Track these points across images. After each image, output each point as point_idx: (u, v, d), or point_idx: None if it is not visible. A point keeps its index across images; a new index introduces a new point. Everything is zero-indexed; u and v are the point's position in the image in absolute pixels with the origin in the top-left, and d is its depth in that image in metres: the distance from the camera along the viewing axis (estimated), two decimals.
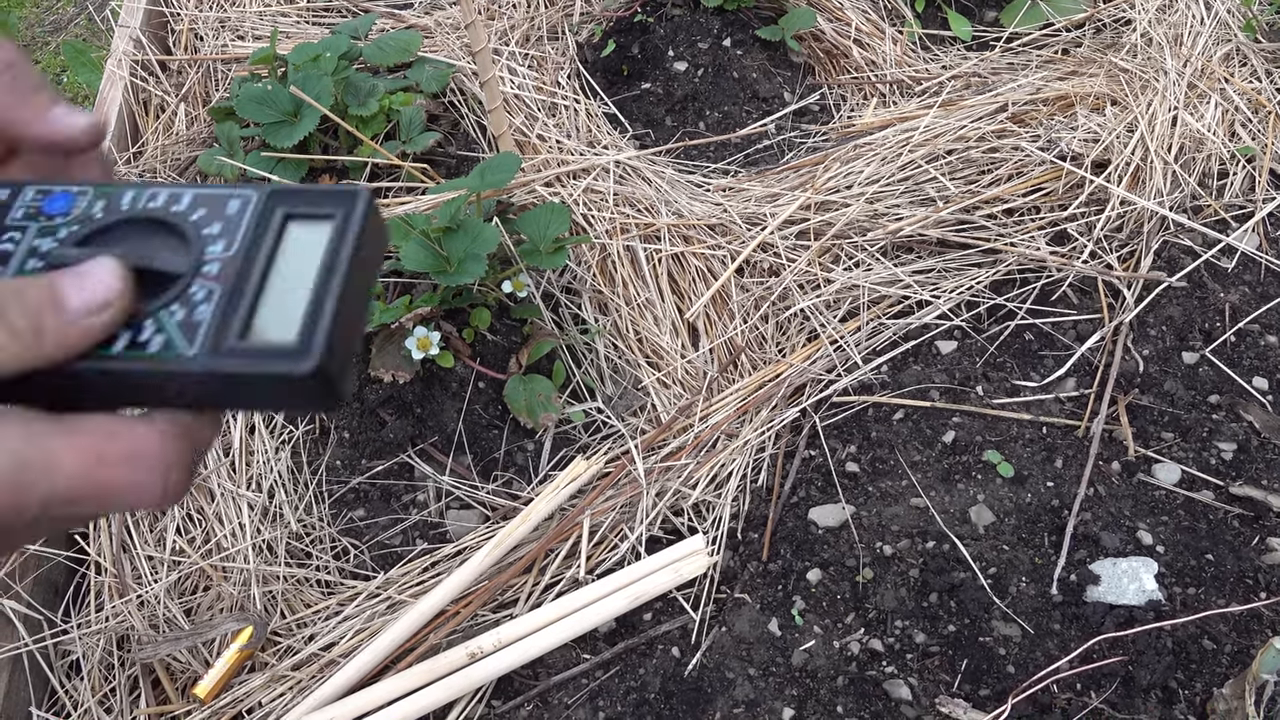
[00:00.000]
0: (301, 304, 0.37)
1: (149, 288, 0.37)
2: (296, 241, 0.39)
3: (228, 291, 0.38)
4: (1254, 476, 1.16)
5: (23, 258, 0.38)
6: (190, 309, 0.37)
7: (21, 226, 0.39)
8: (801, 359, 1.29)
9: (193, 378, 0.36)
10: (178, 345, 0.36)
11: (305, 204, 0.40)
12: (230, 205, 0.40)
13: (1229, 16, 1.68)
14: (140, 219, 0.39)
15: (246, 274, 0.38)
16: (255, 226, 0.39)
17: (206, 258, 0.38)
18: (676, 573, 1.09)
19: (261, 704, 1.05)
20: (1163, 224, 1.40)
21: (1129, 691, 0.99)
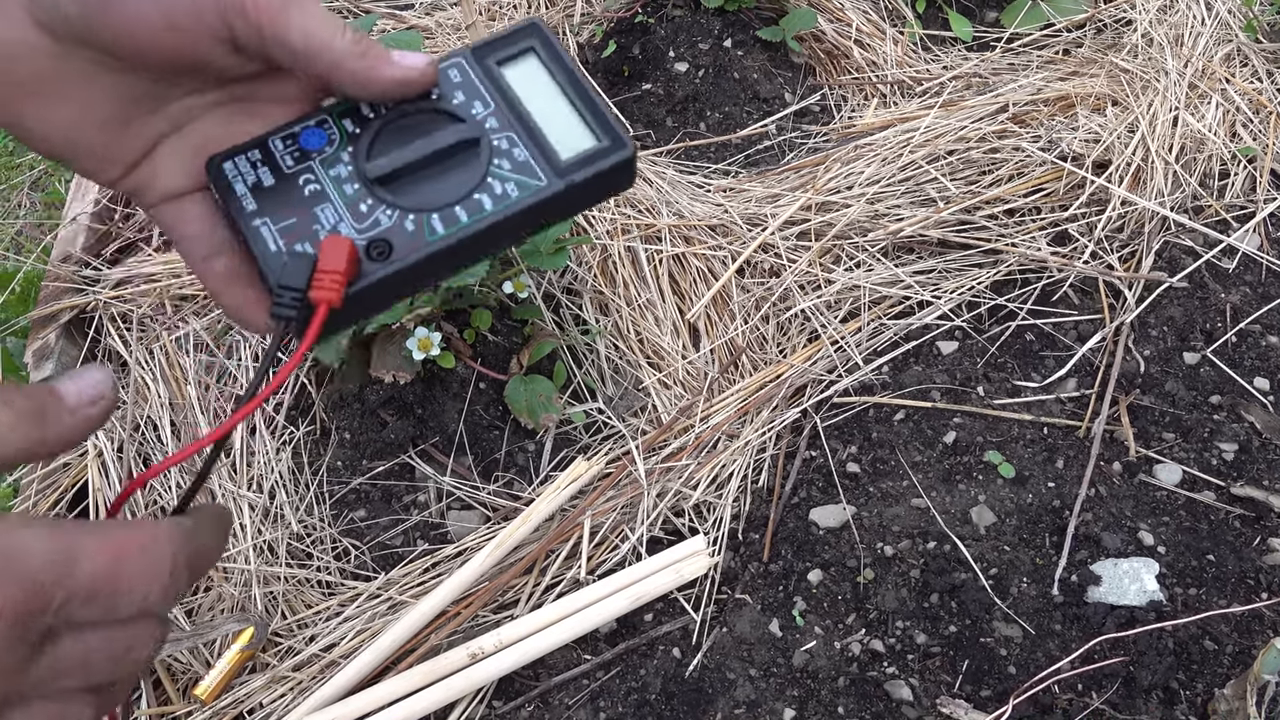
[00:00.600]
0: (578, 115, 0.45)
1: (459, 158, 0.44)
2: (522, 76, 0.46)
3: (522, 131, 0.44)
4: (1255, 477, 1.15)
5: (337, 190, 0.43)
6: (510, 156, 0.44)
7: (306, 170, 0.43)
8: (802, 359, 1.29)
9: (557, 198, 0.43)
10: (530, 182, 0.43)
11: (504, 48, 0.46)
12: (453, 75, 0.46)
13: (1230, 17, 1.68)
14: (394, 116, 0.44)
15: (518, 113, 0.45)
16: (486, 81, 0.46)
17: (480, 117, 0.45)
18: (677, 573, 1.09)
19: (262, 705, 1.05)
20: (1164, 224, 1.40)
21: (1130, 692, 0.99)
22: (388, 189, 0.43)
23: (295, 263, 0.40)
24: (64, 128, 0.40)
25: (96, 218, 1.49)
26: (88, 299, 1.38)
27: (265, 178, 0.43)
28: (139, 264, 1.41)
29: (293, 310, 0.40)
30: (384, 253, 0.42)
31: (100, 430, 1.24)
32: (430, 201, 0.43)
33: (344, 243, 0.41)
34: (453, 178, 0.43)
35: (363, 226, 0.43)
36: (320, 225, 0.43)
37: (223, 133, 0.44)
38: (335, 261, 0.40)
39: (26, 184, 2.00)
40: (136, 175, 0.43)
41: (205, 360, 1.33)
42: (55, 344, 1.33)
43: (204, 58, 0.40)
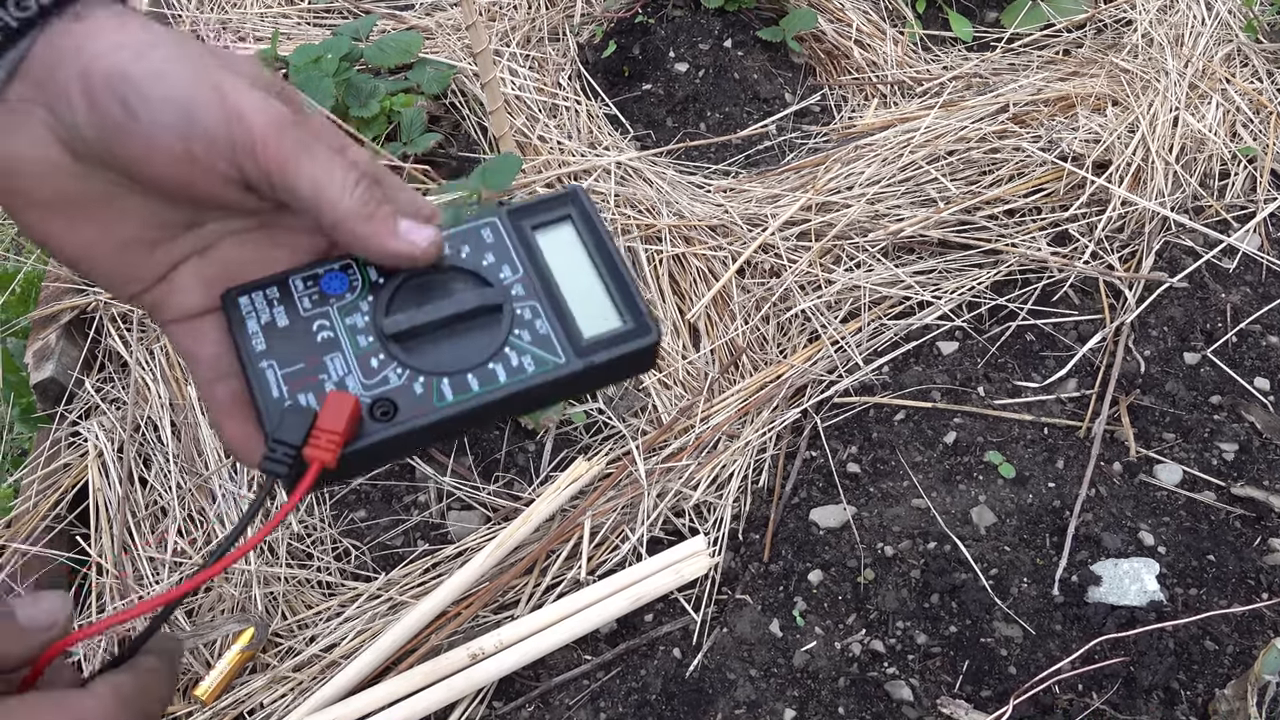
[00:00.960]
0: (605, 292, 0.44)
1: (479, 322, 0.42)
2: (556, 245, 0.45)
3: (546, 304, 0.43)
4: (1255, 477, 1.15)
5: (351, 340, 0.42)
6: (532, 328, 0.42)
7: (321, 313, 0.42)
8: (802, 360, 1.29)
9: (573, 376, 0.42)
10: (549, 358, 0.42)
11: (542, 214, 0.45)
12: (485, 235, 0.45)
13: (1230, 17, 1.68)
14: (423, 270, 0.43)
15: (546, 283, 0.43)
16: (518, 246, 0.44)
17: (507, 282, 0.43)
18: (678, 574, 1.09)
19: (263, 705, 1.05)
20: (1164, 224, 1.40)
21: (1131, 692, 0.99)
22: (402, 346, 0.42)
23: (294, 416, 0.39)
24: (84, 246, 0.40)
25: None
26: (88, 299, 1.38)
27: (279, 318, 0.42)
28: None
29: (284, 466, 0.38)
30: (388, 413, 0.41)
31: (100, 431, 1.24)
32: (444, 365, 0.42)
33: (348, 401, 0.40)
34: (471, 342, 0.42)
35: (370, 383, 0.41)
36: (327, 376, 0.41)
37: (247, 257, 0.43)
38: (335, 421, 0.39)
39: None
40: (154, 293, 0.42)
41: None
42: (56, 344, 1.33)
43: (218, 193, 0.39)
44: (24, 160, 0.38)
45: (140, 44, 0.37)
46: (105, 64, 0.37)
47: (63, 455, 1.26)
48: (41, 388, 1.30)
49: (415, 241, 0.41)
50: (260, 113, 0.38)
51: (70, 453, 1.26)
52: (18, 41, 0.37)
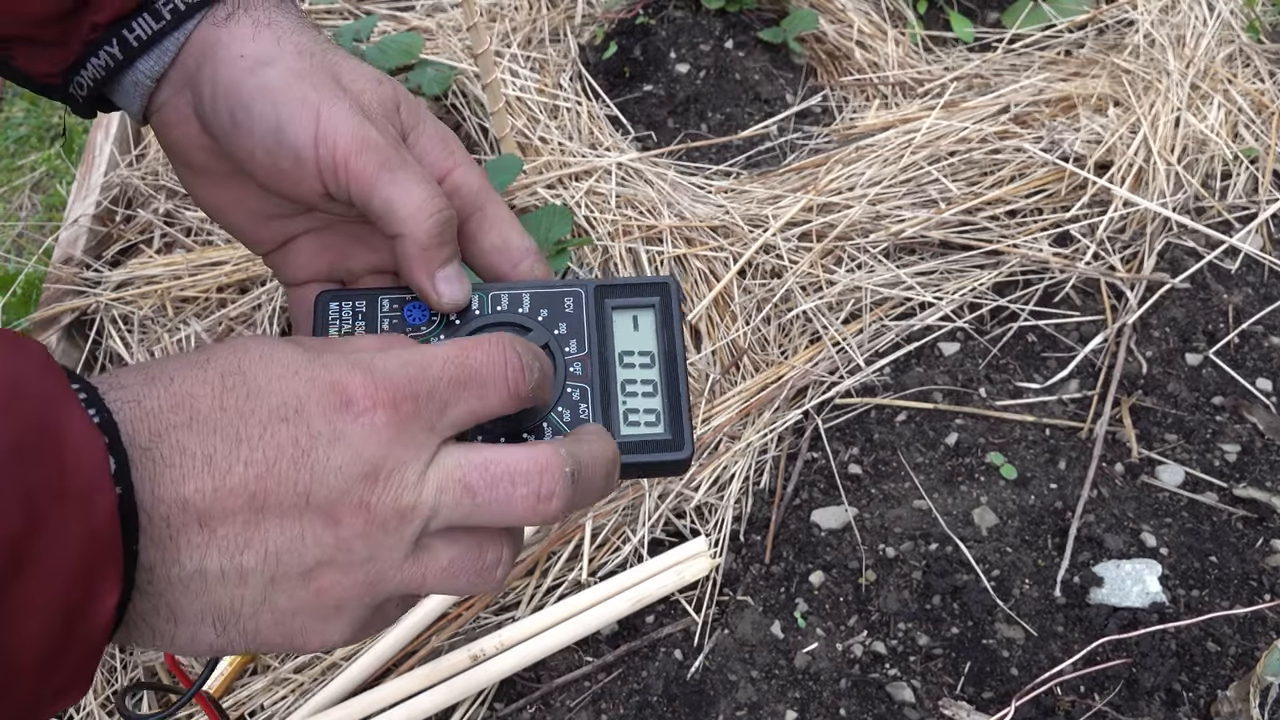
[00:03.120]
0: (655, 394, 0.45)
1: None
2: (628, 330, 0.46)
3: (597, 389, 0.44)
4: (1258, 478, 1.15)
5: None
6: (574, 410, 0.44)
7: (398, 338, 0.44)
8: (804, 361, 1.29)
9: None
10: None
11: (628, 295, 0.47)
12: (567, 303, 0.46)
13: (1232, 18, 1.68)
14: (497, 323, 0.45)
15: (604, 370, 0.45)
16: (594, 322, 0.46)
17: (567, 358, 0.45)
18: (679, 575, 1.09)
19: (264, 707, 1.05)
20: (1166, 225, 1.40)
21: (1133, 694, 0.98)
22: None
23: None
24: (223, 209, 0.48)
25: (98, 220, 1.49)
26: (89, 301, 1.38)
27: (360, 329, 0.46)
28: (140, 266, 1.41)
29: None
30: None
31: None
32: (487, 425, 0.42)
33: None
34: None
35: None
36: None
37: (356, 243, 0.49)
38: None
39: (28, 186, 2.00)
40: (274, 258, 0.49)
41: None
42: (56, 346, 1.33)
43: (307, 199, 0.44)
44: (177, 128, 0.46)
45: (261, 58, 0.43)
46: (227, 74, 0.42)
47: None
48: None
49: (441, 292, 0.44)
50: (347, 135, 0.42)
51: None
52: (183, 24, 0.44)
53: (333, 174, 0.42)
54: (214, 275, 1.37)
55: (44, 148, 2.10)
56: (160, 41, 0.44)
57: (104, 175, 1.54)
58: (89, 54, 0.44)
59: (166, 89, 0.45)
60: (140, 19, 0.43)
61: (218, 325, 1.36)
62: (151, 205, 1.51)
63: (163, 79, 0.45)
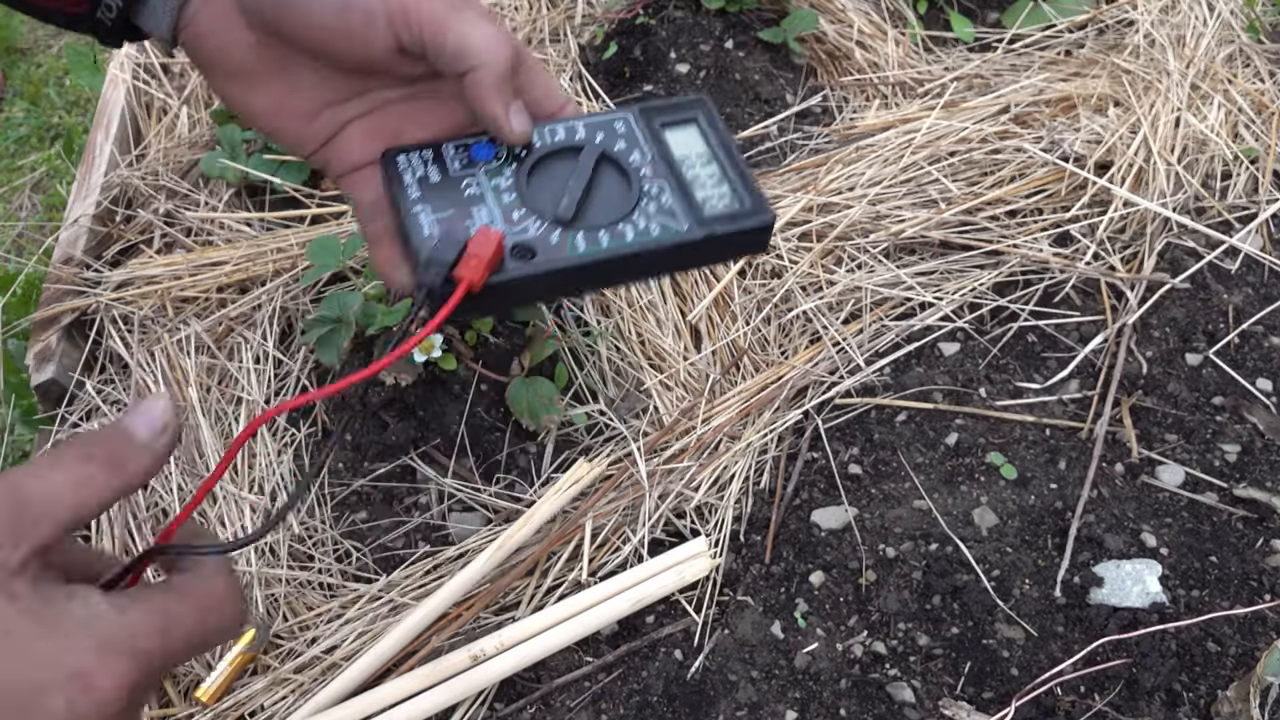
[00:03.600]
0: (725, 179, 0.49)
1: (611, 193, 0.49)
2: (680, 140, 0.51)
3: (672, 183, 0.49)
4: (1258, 479, 1.15)
5: (495, 196, 0.48)
6: (658, 201, 0.48)
7: (470, 174, 0.49)
8: (804, 361, 1.29)
9: (694, 245, 0.47)
10: (672, 225, 0.47)
11: (670, 114, 0.52)
12: (618, 126, 0.51)
13: (1232, 18, 1.68)
14: (558, 149, 0.49)
15: (671, 168, 0.49)
16: (648, 137, 0.51)
17: (636, 165, 0.49)
18: (679, 575, 1.09)
19: (264, 707, 1.05)
20: (1166, 225, 1.40)
21: (1133, 694, 0.98)
22: (541, 205, 0.47)
23: (447, 243, 0.45)
24: (267, 112, 0.48)
25: (98, 220, 1.49)
26: (89, 301, 1.38)
27: (432, 174, 0.48)
28: (140, 266, 1.41)
29: (438, 279, 0.43)
30: (527, 255, 0.46)
31: None
32: (578, 220, 0.47)
33: (494, 235, 0.45)
34: (602, 208, 0.48)
35: (513, 230, 0.47)
36: (473, 222, 0.47)
37: (404, 121, 0.50)
38: (483, 248, 0.44)
39: (28, 186, 2.00)
40: (324, 152, 0.50)
41: (207, 362, 1.33)
42: (56, 346, 1.33)
43: (378, 60, 0.45)
44: (215, 36, 0.45)
45: None
46: None
47: None
48: (43, 390, 1.30)
49: (514, 124, 0.46)
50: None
51: None
52: None
53: (404, 23, 0.43)
54: (214, 275, 1.37)
55: (44, 148, 2.10)
56: None
57: (104, 175, 1.54)
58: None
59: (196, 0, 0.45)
60: None
61: (218, 325, 1.36)
62: (151, 205, 1.51)
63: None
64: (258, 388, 1.31)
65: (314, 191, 1.50)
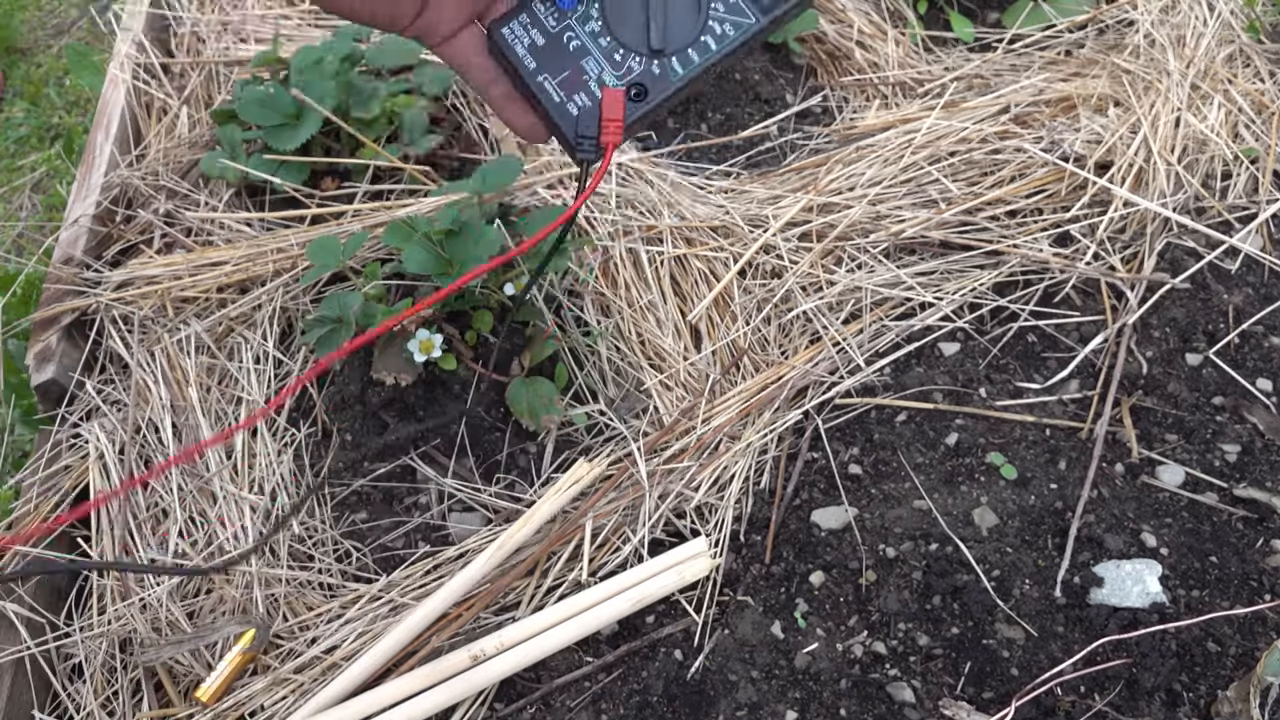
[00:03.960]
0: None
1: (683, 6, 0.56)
2: None
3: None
4: (1258, 479, 1.15)
5: (595, 44, 0.57)
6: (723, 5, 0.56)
7: (566, 27, 0.57)
8: (804, 361, 1.29)
9: (761, 30, 0.57)
10: (744, 22, 0.56)
11: None
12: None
13: (1232, 18, 1.68)
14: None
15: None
16: None
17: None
18: (679, 575, 1.09)
19: (264, 707, 1.05)
20: (1166, 225, 1.40)
21: (1133, 694, 0.98)
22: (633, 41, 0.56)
23: (587, 115, 0.55)
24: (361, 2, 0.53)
25: (98, 220, 1.49)
26: (89, 301, 1.38)
27: (537, 38, 0.56)
28: (140, 266, 1.41)
29: (593, 151, 0.56)
30: (641, 94, 0.56)
31: (101, 432, 1.24)
32: (670, 46, 0.56)
33: (617, 95, 0.55)
34: (682, 24, 0.56)
35: (620, 73, 0.56)
36: (588, 75, 0.56)
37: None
38: (614, 111, 0.55)
39: (28, 186, 2.00)
40: (420, 23, 0.55)
41: (206, 362, 1.33)
42: (56, 346, 1.33)
43: None
44: None
45: None
46: None
47: (64, 457, 1.26)
48: (42, 389, 1.30)
49: None
50: None
51: (71, 454, 1.26)
52: None
53: None
54: (214, 275, 1.37)
55: (44, 148, 2.10)
56: None
57: (104, 175, 1.54)
58: None
59: None
60: None
61: (218, 325, 1.36)
62: (151, 205, 1.51)
63: None
64: (258, 388, 1.31)
65: (314, 191, 1.50)
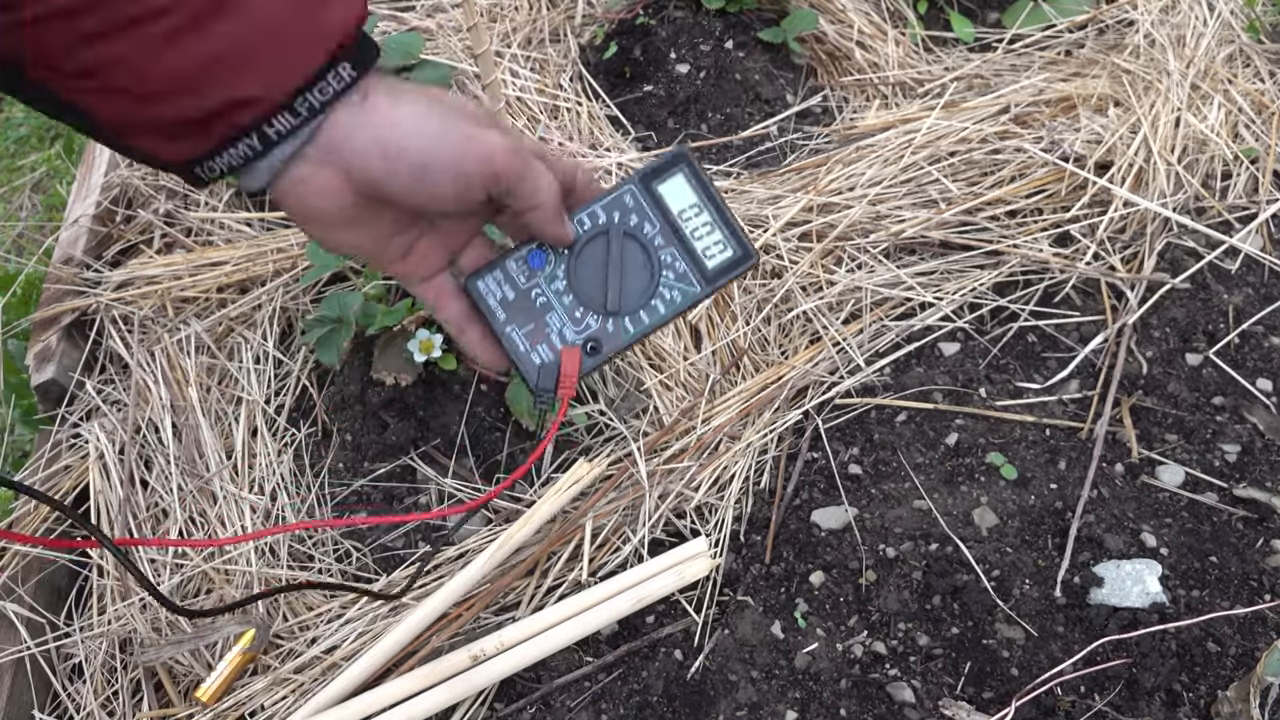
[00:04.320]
0: (716, 226, 0.65)
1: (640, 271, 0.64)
2: (673, 191, 0.65)
3: (679, 248, 0.64)
4: (1258, 479, 1.15)
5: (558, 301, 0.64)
6: (674, 269, 0.64)
7: (535, 285, 0.64)
8: (804, 361, 1.29)
9: (704, 296, 0.65)
10: (689, 290, 0.65)
11: (660, 172, 0.65)
12: (627, 200, 0.65)
13: (1232, 18, 1.68)
14: (592, 236, 0.64)
15: (675, 231, 0.64)
16: (650, 203, 0.65)
17: (650, 236, 0.64)
18: (679, 575, 1.09)
19: (264, 707, 1.05)
20: (1166, 225, 1.40)
21: (1133, 694, 0.98)
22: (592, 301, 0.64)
23: (546, 371, 0.63)
24: (354, 245, 0.59)
25: (98, 220, 1.49)
26: (89, 301, 1.38)
27: (508, 293, 0.64)
28: (140, 266, 1.41)
29: (549, 403, 0.63)
30: (595, 349, 0.64)
31: (101, 432, 1.24)
32: (624, 308, 0.64)
33: (574, 353, 0.63)
34: (636, 287, 0.64)
35: (579, 329, 0.64)
36: (551, 329, 0.64)
37: (459, 232, 0.63)
38: (571, 368, 0.63)
39: (28, 186, 2.01)
40: (402, 266, 0.61)
41: (206, 362, 1.33)
42: (57, 346, 1.33)
43: (469, 206, 0.58)
44: (320, 196, 0.55)
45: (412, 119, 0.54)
46: (389, 137, 0.53)
47: (64, 457, 1.26)
48: (42, 389, 1.30)
49: (569, 230, 0.63)
50: (499, 149, 0.55)
51: (71, 454, 1.26)
52: (319, 115, 0.52)
53: (495, 181, 0.56)
54: (214, 275, 1.37)
55: (44, 148, 2.10)
56: (297, 131, 0.52)
57: (104, 175, 1.54)
58: (225, 147, 0.51)
59: (303, 165, 0.53)
60: (280, 117, 0.51)
61: (218, 325, 1.36)
62: (151, 205, 1.51)
63: (294, 157, 0.53)
64: (258, 388, 1.31)
65: None
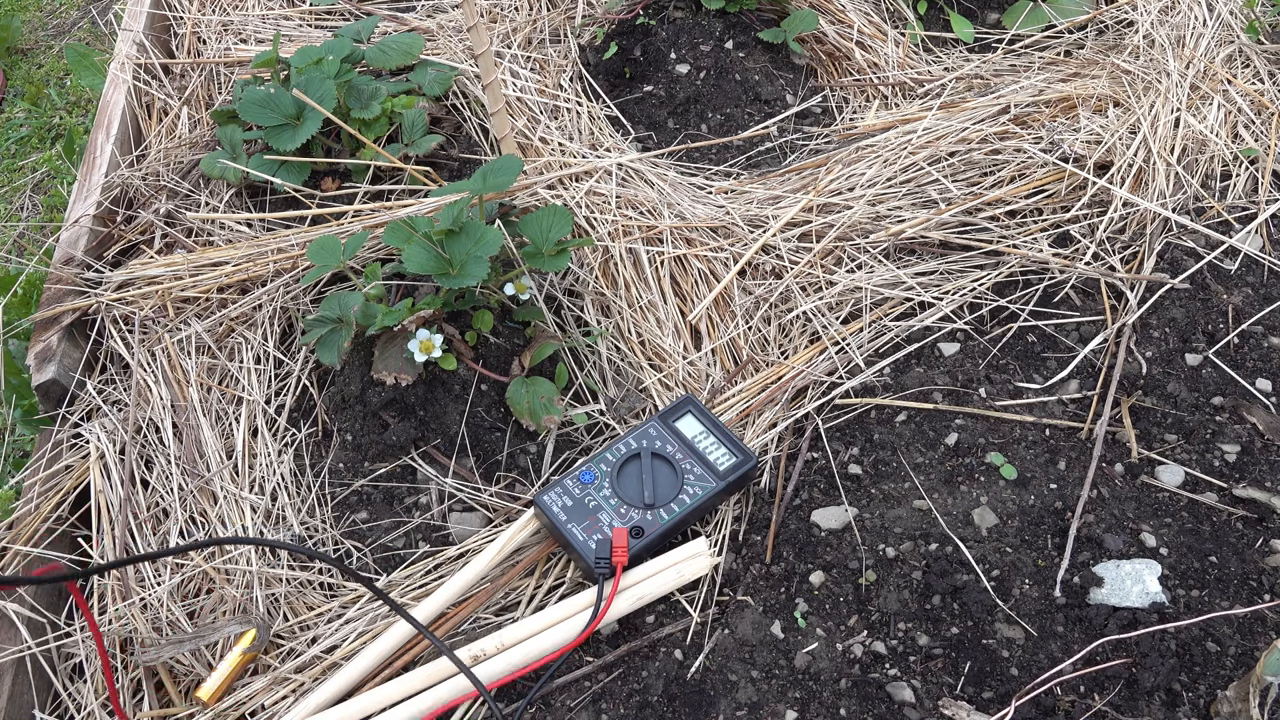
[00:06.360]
0: (721, 444, 1.15)
1: (669, 476, 1.13)
2: (686, 425, 1.17)
3: (696, 460, 1.14)
4: (1257, 478, 1.15)
5: (607, 504, 1.11)
6: (694, 473, 1.13)
7: (587, 494, 1.11)
8: (804, 361, 1.29)
9: (721, 491, 1.13)
10: (708, 484, 1.13)
11: (675, 413, 1.19)
12: (652, 431, 1.17)
13: (1231, 18, 1.68)
14: (627, 458, 1.14)
15: (690, 449, 1.15)
16: (670, 433, 1.16)
17: (672, 453, 1.14)
18: (679, 575, 1.09)
19: (264, 706, 1.05)
20: (1165, 225, 1.40)
21: (1133, 694, 0.98)
22: (633, 498, 1.11)
23: (602, 546, 1.06)
24: None
25: (98, 220, 1.49)
26: (90, 301, 1.38)
27: (568, 502, 1.10)
28: (141, 266, 1.41)
29: (607, 570, 1.04)
30: (639, 533, 1.08)
31: (102, 432, 1.24)
32: (659, 501, 1.10)
33: (623, 532, 1.07)
34: (667, 486, 1.12)
35: (624, 520, 1.08)
36: (602, 523, 1.08)
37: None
38: (621, 541, 1.06)
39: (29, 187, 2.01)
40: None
41: (207, 362, 1.33)
42: (57, 346, 1.33)
43: None
44: None
45: None
46: None
47: (64, 457, 1.26)
48: (43, 389, 1.30)
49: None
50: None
51: (72, 454, 1.26)
52: None
53: None
54: (214, 275, 1.37)
55: (45, 148, 2.10)
56: None
57: (105, 176, 1.54)
58: None
59: None
60: None
61: (218, 325, 1.36)
62: (152, 206, 1.51)
63: None
64: (258, 387, 1.31)
65: (314, 192, 1.50)
